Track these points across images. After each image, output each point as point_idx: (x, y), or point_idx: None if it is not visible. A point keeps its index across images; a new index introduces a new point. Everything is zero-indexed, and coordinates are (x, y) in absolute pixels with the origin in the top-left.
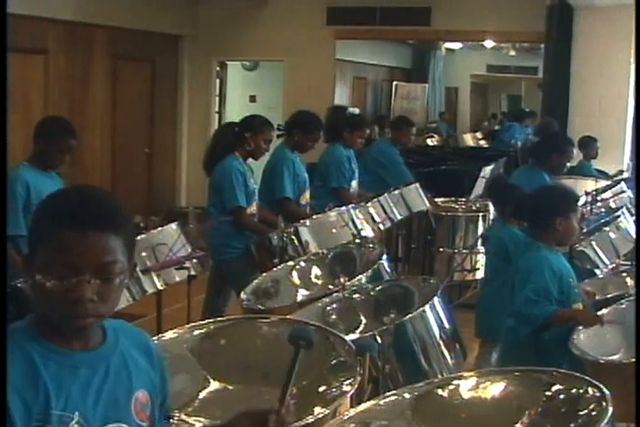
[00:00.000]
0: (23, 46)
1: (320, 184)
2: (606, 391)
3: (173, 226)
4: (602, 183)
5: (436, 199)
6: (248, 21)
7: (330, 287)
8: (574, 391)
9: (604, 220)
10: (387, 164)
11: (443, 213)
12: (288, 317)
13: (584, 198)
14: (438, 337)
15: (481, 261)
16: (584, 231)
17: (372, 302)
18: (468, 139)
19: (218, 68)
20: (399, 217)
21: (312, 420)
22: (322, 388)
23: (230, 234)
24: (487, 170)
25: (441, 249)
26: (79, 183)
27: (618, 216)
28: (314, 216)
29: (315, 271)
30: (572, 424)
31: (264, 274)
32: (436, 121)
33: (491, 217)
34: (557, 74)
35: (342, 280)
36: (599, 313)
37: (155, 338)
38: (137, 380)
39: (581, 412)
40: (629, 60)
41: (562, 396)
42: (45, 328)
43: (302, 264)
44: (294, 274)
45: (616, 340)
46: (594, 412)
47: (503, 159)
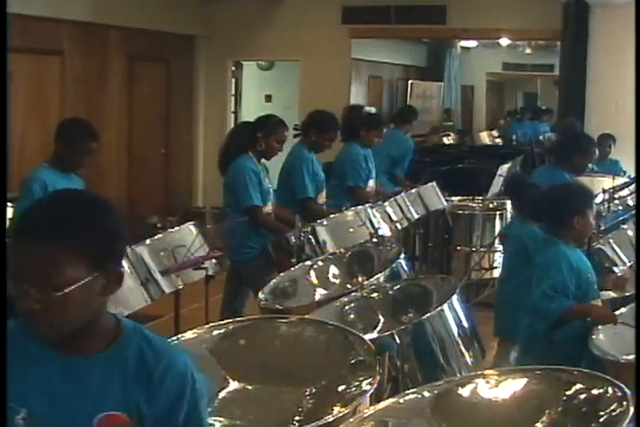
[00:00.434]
0: (38, 47)
1: (336, 183)
2: (628, 391)
3: (191, 226)
4: (619, 181)
5: (453, 198)
6: (263, 21)
7: (348, 287)
8: (595, 391)
9: (622, 217)
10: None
11: (460, 212)
12: (306, 316)
13: (601, 196)
14: (457, 336)
15: (498, 259)
16: (602, 229)
17: (391, 302)
18: (484, 137)
19: (233, 68)
20: (416, 216)
21: (332, 419)
22: (341, 387)
23: (247, 234)
24: (504, 168)
25: (458, 248)
26: (56, 193)
27: None
28: (331, 216)
29: (332, 271)
30: (593, 424)
31: (282, 274)
32: (443, 118)
33: (508, 215)
34: (573, 71)
35: (360, 279)
36: (617, 312)
37: (174, 338)
38: (114, 401)
39: (602, 412)
40: None
41: (583, 395)
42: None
43: (320, 264)
44: (312, 273)
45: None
46: (615, 412)
47: (520, 157)
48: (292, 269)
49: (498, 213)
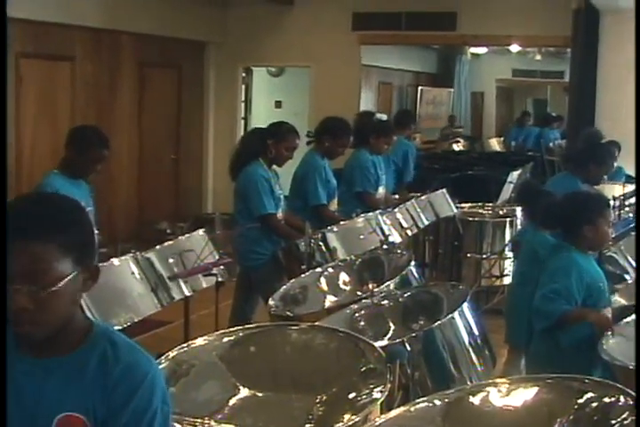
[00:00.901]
0: (50, 53)
1: (345, 189)
2: None
3: (201, 232)
4: (630, 188)
5: (463, 205)
6: (274, 28)
7: (358, 294)
8: (607, 399)
9: (633, 224)
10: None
11: (470, 219)
12: (317, 324)
13: (612, 203)
14: (467, 344)
15: (509, 267)
16: (613, 236)
17: (401, 309)
18: (494, 143)
19: (243, 74)
20: (426, 222)
21: None
22: (352, 395)
23: (257, 240)
24: (514, 175)
25: (468, 255)
26: (32, 191)
27: None
28: (341, 222)
29: (343, 278)
30: None
31: (292, 280)
32: (447, 126)
33: (518, 222)
34: (584, 78)
35: (370, 286)
36: (628, 319)
37: (184, 345)
38: (73, 402)
39: (614, 420)
40: None
41: (594, 404)
42: None
43: (330, 270)
44: (322, 280)
45: None
46: (627, 420)
47: (530, 164)
48: (303, 275)
49: (508, 220)
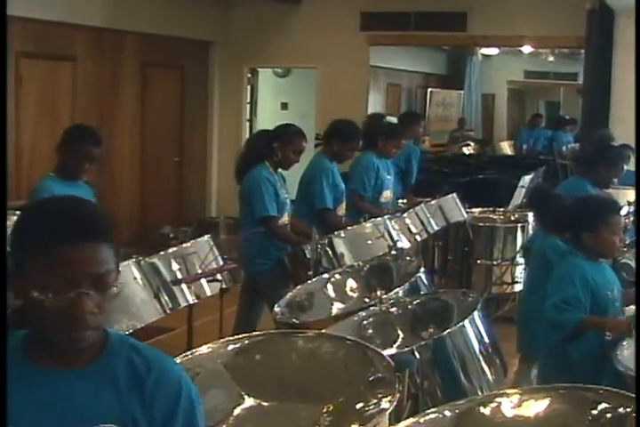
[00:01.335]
0: (51, 53)
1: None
2: None
3: (206, 238)
4: None
5: (474, 209)
6: (279, 28)
7: (366, 301)
8: (622, 410)
9: None
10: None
11: (480, 224)
12: (324, 331)
13: (626, 208)
14: (478, 352)
15: (520, 273)
16: (627, 243)
17: (410, 316)
18: (506, 147)
19: (249, 75)
20: (436, 228)
21: None
22: (359, 405)
23: (262, 245)
24: (526, 179)
25: (478, 261)
26: (61, 195)
27: None
28: (348, 227)
29: (350, 284)
30: None
31: (298, 287)
32: (457, 129)
33: (530, 228)
34: (598, 80)
35: (379, 293)
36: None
37: (188, 353)
38: (107, 414)
39: None
40: None
41: (608, 415)
42: (32, 346)
43: (337, 277)
44: (329, 287)
45: None
46: None
47: (542, 168)
48: (309, 282)
49: (520, 226)
